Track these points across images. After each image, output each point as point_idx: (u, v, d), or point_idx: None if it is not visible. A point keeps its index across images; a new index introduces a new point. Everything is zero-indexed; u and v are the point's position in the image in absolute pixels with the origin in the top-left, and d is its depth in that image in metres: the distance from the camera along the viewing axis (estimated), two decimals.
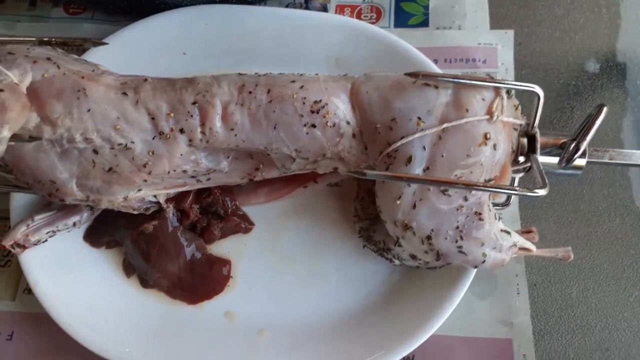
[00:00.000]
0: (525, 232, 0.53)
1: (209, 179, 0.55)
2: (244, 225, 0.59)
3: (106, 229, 0.58)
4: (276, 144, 0.50)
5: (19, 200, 0.57)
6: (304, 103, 0.49)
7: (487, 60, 0.62)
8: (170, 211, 0.56)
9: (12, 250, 0.53)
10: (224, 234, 0.59)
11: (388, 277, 0.56)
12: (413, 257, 0.53)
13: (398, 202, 0.47)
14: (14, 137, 0.46)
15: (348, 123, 0.49)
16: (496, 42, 0.63)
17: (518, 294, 0.54)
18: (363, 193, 0.56)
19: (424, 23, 0.65)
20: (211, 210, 0.58)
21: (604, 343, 0.55)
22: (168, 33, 0.63)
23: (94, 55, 0.60)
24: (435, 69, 0.58)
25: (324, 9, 0.67)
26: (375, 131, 0.48)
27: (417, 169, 0.46)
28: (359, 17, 0.67)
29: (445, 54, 0.63)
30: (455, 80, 0.46)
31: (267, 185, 0.59)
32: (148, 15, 0.64)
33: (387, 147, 0.47)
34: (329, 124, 0.49)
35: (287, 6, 0.68)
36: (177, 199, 0.57)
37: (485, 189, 0.45)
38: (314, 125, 0.49)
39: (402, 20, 0.66)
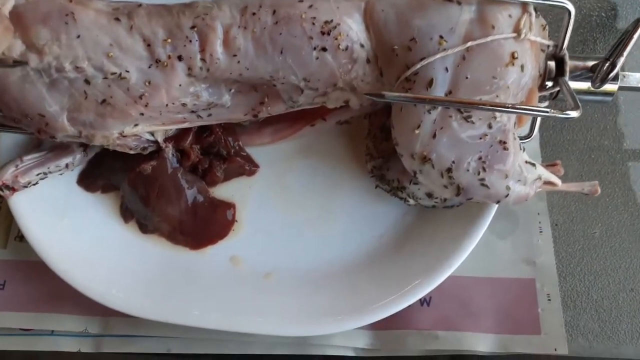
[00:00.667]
0: (549, 165, 0.50)
1: (210, 115, 0.51)
2: (248, 167, 0.55)
3: (101, 171, 0.55)
4: (283, 72, 0.46)
5: (6, 140, 0.53)
6: (313, 24, 0.45)
7: None
8: (169, 151, 0.53)
9: (1, 193, 0.50)
10: (227, 176, 0.55)
11: (401, 219, 0.53)
12: (429, 195, 0.50)
13: (417, 131, 0.44)
14: None
15: (362, 46, 0.45)
16: None
17: (540, 232, 0.52)
18: (375, 129, 0.52)
19: None
20: (213, 151, 0.54)
21: (628, 283, 0.53)
22: None
23: None
24: None
25: None
26: (392, 53, 0.44)
27: (439, 93, 0.42)
28: None
29: None
30: None
31: (271, 124, 0.55)
32: None
33: (406, 70, 0.43)
34: (341, 47, 0.45)
35: None
36: (177, 138, 0.53)
37: (516, 110, 0.41)
38: (324, 49, 0.45)
39: None
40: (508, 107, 0.40)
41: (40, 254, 0.50)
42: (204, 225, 0.53)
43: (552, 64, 0.46)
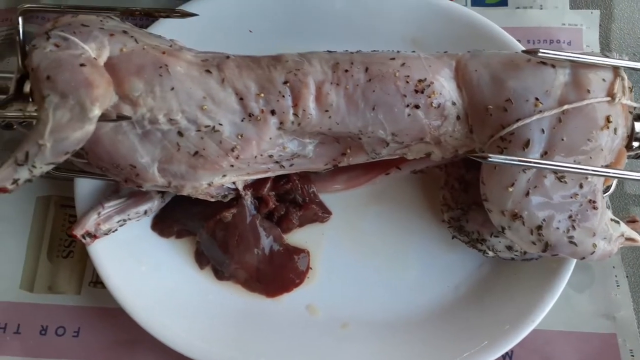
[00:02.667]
0: (629, 221, 0.51)
1: (292, 165, 0.52)
2: (321, 214, 0.55)
3: (176, 217, 0.55)
4: (372, 127, 0.47)
5: (83, 187, 0.53)
6: (407, 82, 0.46)
7: (572, 41, 0.59)
8: (248, 198, 0.53)
9: (83, 240, 0.49)
10: (301, 223, 0.55)
11: (477, 269, 0.54)
12: (509, 248, 0.50)
13: (510, 189, 0.44)
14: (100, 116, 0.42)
15: (454, 104, 0.46)
16: (581, 22, 0.60)
17: (618, 286, 0.52)
18: (453, 180, 0.53)
19: (503, 2, 0.62)
20: (289, 198, 0.55)
21: None
22: (235, 8, 0.59)
23: (154, 30, 0.56)
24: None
25: None
26: (485, 112, 0.45)
27: (535, 154, 0.43)
28: None
29: (528, 34, 0.60)
30: (578, 58, 0.43)
31: (345, 171, 0.55)
32: None
33: (500, 129, 0.44)
34: (433, 104, 0.46)
35: None
36: (255, 186, 0.53)
37: (622, 176, 0.42)
38: (417, 106, 0.46)
39: None
40: (611, 173, 0.41)
41: (122, 303, 0.50)
42: (280, 273, 0.53)
43: (638, 124, 0.47)
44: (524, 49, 0.56)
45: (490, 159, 0.41)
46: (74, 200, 0.55)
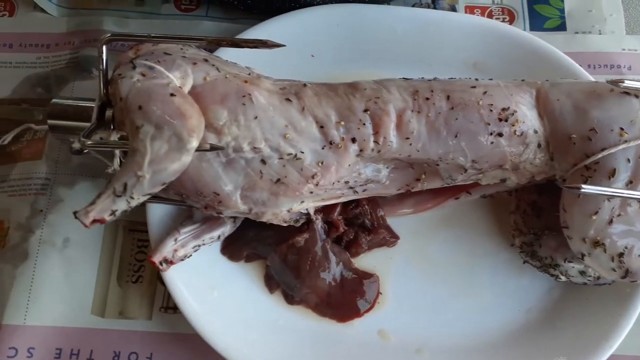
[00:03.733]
0: None
1: (365, 190, 0.52)
2: (389, 238, 0.56)
3: (246, 241, 0.55)
4: (453, 154, 0.47)
5: (155, 213, 0.53)
6: (490, 110, 0.46)
7: (632, 66, 0.60)
8: (319, 223, 0.53)
9: (160, 267, 0.50)
10: (369, 247, 0.55)
11: (548, 293, 0.54)
12: (583, 273, 0.51)
13: (594, 217, 0.45)
14: None
15: (535, 132, 0.46)
16: None
17: None
18: (525, 205, 0.53)
19: (561, 27, 0.63)
20: (357, 222, 0.55)
21: None
22: (297, 33, 0.59)
23: (220, 55, 0.56)
24: (588, 76, 0.56)
25: (452, 9, 0.64)
26: (568, 141, 0.46)
27: (620, 183, 0.44)
28: (490, 18, 0.64)
29: (587, 59, 0.60)
30: None
31: (414, 195, 0.56)
32: (269, 13, 0.60)
33: (584, 158, 0.45)
34: (516, 132, 0.46)
35: (413, 6, 0.65)
36: (325, 210, 0.54)
37: None
38: (500, 134, 0.46)
39: (537, 23, 0.63)
40: None
41: (198, 329, 0.49)
42: (350, 298, 0.53)
43: None
44: (586, 73, 0.57)
45: (583, 190, 0.41)
46: (142, 225, 0.55)
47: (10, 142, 0.57)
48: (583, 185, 0.41)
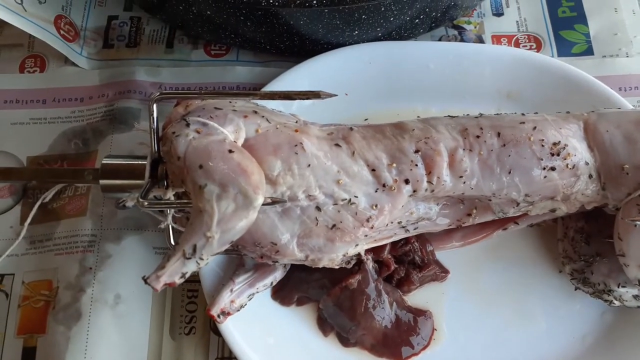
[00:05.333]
0: None
1: (416, 228, 0.52)
2: (439, 272, 0.56)
3: (296, 285, 0.54)
4: (507, 190, 0.48)
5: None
6: (542, 145, 0.47)
7: None
8: (369, 263, 0.53)
9: (217, 320, 0.49)
10: (421, 283, 0.55)
11: (600, 318, 0.54)
12: (637, 297, 0.51)
13: None
14: None
15: (586, 164, 0.47)
16: None
17: None
18: (573, 233, 0.53)
19: (588, 51, 0.64)
20: (407, 259, 0.55)
21: None
22: (331, 74, 0.60)
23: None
24: (622, 100, 0.57)
25: (480, 40, 0.65)
26: (621, 171, 0.46)
27: None
28: (517, 47, 0.65)
29: (618, 82, 0.61)
30: None
31: (462, 229, 0.56)
32: (301, 56, 0.61)
33: (638, 188, 0.45)
34: (568, 166, 0.47)
35: (440, 39, 0.66)
36: (375, 250, 0.54)
37: None
38: (553, 169, 0.47)
39: (564, 49, 0.64)
40: None
41: None
42: (406, 336, 0.53)
43: None
44: (619, 97, 0.58)
45: None
46: (191, 275, 0.55)
47: (51, 199, 0.57)
48: None
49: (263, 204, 0.42)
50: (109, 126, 0.60)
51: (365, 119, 0.60)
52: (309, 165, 0.46)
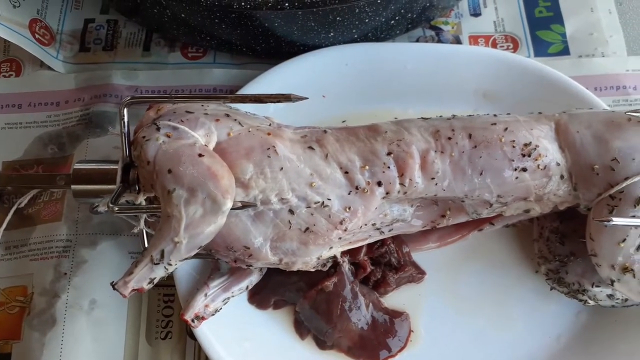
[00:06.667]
0: None
1: (390, 230, 0.52)
2: (415, 274, 0.56)
3: (272, 288, 0.54)
4: (479, 191, 0.48)
5: (181, 267, 0.52)
6: (513, 146, 0.47)
7: (637, 87, 0.61)
8: (346, 265, 0.53)
9: (192, 325, 0.49)
10: (397, 285, 0.55)
11: (575, 317, 0.54)
12: (611, 296, 0.51)
13: (621, 245, 0.45)
14: None
15: (557, 164, 0.47)
16: None
17: None
18: (548, 233, 0.54)
19: (565, 51, 0.64)
20: (384, 261, 0.55)
21: None
22: (308, 76, 0.60)
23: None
24: (597, 99, 0.57)
25: (457, 40, 0.65)
26: (591, 172, 0.46)
27: None
28: (494, 47, 0.65)
29: (594, 82, 0.62)
30: None
31: (438, 230, 0.56)
32: (278, 58, 0.61)
33: (608, 188, 0.46)
34: (540, 166, 0.47)
35: (417, 40, 0.66)
36: (351, 252, 0.54)
37: None
38: (524, 169, 0.47)
39: (541, 49, 0.64)
40: None
41: None
42: (383, 338, 0.53)
43: None
44: (594, 96, 0.58)
45: (614, 222, 0.42)
46: (167, 280, 0.54)
47: (27, 204, 0.57)
48: (613, 218, 0.42)
49: (233, 208, 0.42)
50: (85, 130, 0.59)
51: (343, 121, 0.60)
52: (282, 168, 0.46)
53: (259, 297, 0.55)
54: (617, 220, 0.42)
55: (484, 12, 0.67)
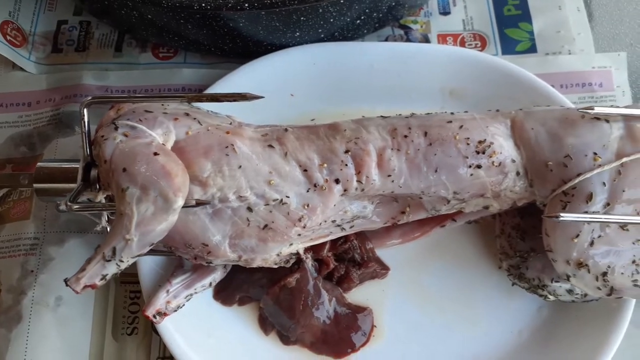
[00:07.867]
0: None
1: (352, 227, 0.53)
2: (379, 270, 0.56)
3: (237, 285, 0.55)
4: (435, 188, 0.48)
5: (146, 264, 0.53)
6: (467, 144, 0.47)
7: (602, 83, 0.62)
8: (309, 262, 0.54)
9: (154, 320, 0.50)
10: (360, 280, 0.56)
11: (537, 313, 0.55)
12: (570, 291, 0.52)
13: (575, 240, 0.46)
14: None
15: (513, 161, 0.48)
16: (610, 64, 0.62)
17: None
18: (509, 229, 0.54)
19: (532, 49, 0.65)
20: (347, 257, 0.56)
21: None
22: (276, 75, 0.61)
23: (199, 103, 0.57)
24: (562, 97, 0.57)
25: (425, 39, 0.66)
26: (545, 168, 0.47)
27: (597, 205, 0.45)
28: (462, 45, 0.65)
29: (560, 79, 0.62)
30: (630, 113, 0.45)
31: (401, 226, 0.56)
32: (246, 57, 0.61)
33: (561, 184, 0.46)
34: (494, 163, 0.47)
35: (386, 39, 0.66)
36: (315, 248, 0.54)
37: None
38: (479, 166, 0.47)
39: (508, 47, 0.65)
40: None
41: None
42: (346, 333, 0.54)
43: None
44: (558, 94, 0.58)
45: (562, 218, 0.42)
46: (133, 276, 0.55)
47: None
48: (562, 214, 0.42)
49: (186, 206, 0.43)
50: (55, 130, 0.60)
51: (312, 119, 0.60)
52: (240, 166, 0.47)
53: (224, 293, 0.55)
54: (565, 216, 0.42)
55: (453, 10, 0.68)
